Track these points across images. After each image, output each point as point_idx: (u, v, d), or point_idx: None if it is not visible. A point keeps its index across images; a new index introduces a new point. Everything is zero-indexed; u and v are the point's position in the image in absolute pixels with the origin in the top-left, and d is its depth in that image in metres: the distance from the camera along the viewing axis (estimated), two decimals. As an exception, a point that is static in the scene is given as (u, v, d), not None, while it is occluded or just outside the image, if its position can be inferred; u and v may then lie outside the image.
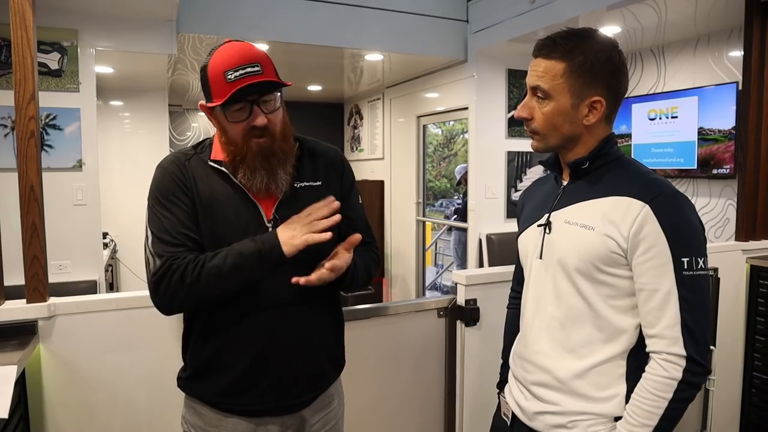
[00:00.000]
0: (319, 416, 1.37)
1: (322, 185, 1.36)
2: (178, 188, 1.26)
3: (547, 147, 1.25)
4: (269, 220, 1.28)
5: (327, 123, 6.91)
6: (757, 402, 2.69)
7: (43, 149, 2.97)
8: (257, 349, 1.26)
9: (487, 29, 3.97)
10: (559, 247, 1.22)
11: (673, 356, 1.09)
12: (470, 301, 1.98)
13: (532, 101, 1.22)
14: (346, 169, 1.45)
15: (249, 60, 1.21)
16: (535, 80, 1.20)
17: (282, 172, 1.27)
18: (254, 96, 1.22)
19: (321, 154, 1.41)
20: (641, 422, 1.10)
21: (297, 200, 1.30)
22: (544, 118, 1.20)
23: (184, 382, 1.34)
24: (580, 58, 1.16)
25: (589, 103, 1.18)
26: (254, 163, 1.25)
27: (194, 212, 1.26)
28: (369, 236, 1.47)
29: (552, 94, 1.18)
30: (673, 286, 1.10)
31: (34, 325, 1.58)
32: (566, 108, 1.18)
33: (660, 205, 1.11)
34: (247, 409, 1.28)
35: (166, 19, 3.24)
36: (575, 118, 1.19)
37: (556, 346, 1.23)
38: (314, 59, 4.49)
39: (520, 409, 1.30)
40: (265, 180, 1.25)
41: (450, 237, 6.84)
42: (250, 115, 1.22)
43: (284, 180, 1.28)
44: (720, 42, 3.45)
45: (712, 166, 3.42)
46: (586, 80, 1.17)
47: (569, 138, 1.22)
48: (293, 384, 1.30)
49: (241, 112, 1.23)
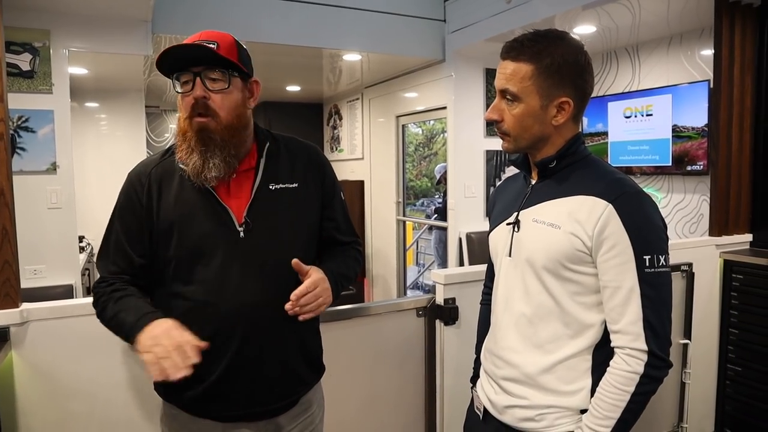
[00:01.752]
0: (296, 422, 1.34)
1: (298, 187, 1.32)
2: (133, 205, 1.25)
3: (517, 148, 1.26)
4: (240, 224, 1.24)
5: (306, 123, 6.89)
6: (732, 394, 2.75)
7: (15, 152, 2.92)
8: (229, 356, 1.23)
9: (464, 29, 3.99)
10: (527, 246, 1.24)
11: (636, 351, 1.12)
12: (449, 300, 1.99)
13: (502, 103, 1.23)
14: (327, 172, 1.40)
15: (209, 37, 1.19)
16: (503, 83, 1.21)
17: (219, 159, 1.20)
18: (199, 68, 1.18)
19: (298, 153, 1.37)
20: (605, 414, 1.13)
21: (271, 202, 1.27)
22: (514, 120, 1.22)
23: (158, 387, 1.32)
24: (547, 60, 1.17)
25: (557, 104, 1.20)
26: (191, 143, 1.21)
27: (147, 234, 1.24)
28: (352, 235, 1.46)
29: (521, 96, 1.19)
30: (635, 284, 1.13)
31: (6, 331, 1.55)
32: (535, 109, 1.20)
33: (623, 204, 1.14)
34: (221, 415, 1.26)
35: (141, 19, 3.19)
36: (544, 119, 1.21)
37: (524, 342, 1.25)
38: (292, 59, 4.47)
39: (491, 403, 1.32)
40: (198, 163, 1.20)
41: (431, 236, 6.86)
42: (193, 87, 1.19)
43: (221, 168, 1.21)
44: (692, 41, 3.51)
45: (686, 162, 3.48)
46: (554, 82, 1.18)
47: (539, 138, 1.24)
48: (268, 391, 1.28)
49: (187, 85, 1.20)
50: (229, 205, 1.24)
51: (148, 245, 1.25)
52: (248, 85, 1.28)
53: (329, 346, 1.43)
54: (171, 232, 1.23)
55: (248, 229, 1.23)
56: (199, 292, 1.22)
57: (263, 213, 1.26)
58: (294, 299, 1.20)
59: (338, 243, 1.43)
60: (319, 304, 1.24)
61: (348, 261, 1.42)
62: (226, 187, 1.26)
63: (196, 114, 1.20)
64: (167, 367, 1.06)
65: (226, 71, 1.20)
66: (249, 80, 1.28)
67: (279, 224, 1.28)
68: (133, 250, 1.25)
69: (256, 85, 1.30)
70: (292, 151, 1.36)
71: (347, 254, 1.43)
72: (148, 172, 1.27)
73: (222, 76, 1.20)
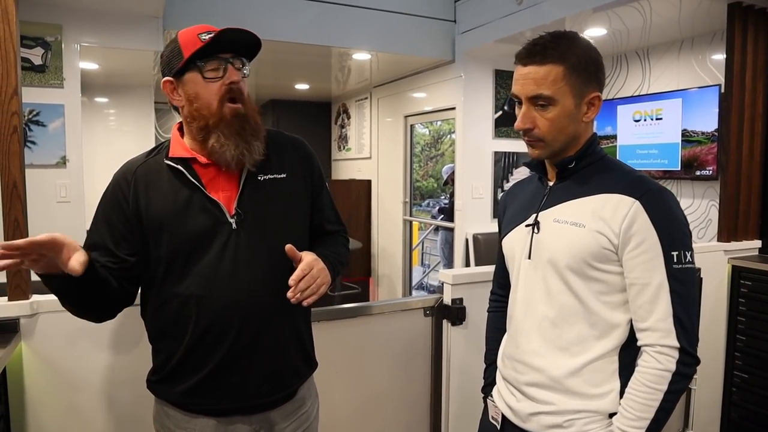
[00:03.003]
0: (291, 419, 1.34)
1: (287, 177, 1.32)
2: (119, 205, 1.24)
3: (551, 153, 1.24)
4: (231, 215, 1.24)
5: (314, 122, 6.90)
6: (738, 401, 2.73)
7: (26, 146, 2.94)
8: (225, 348, 1.22)
9: (474, 30, 3.98)
10: (548, 246, 1.22)
11: (667, 348, 1.11)
12: (456, 300, 1.99)
13: (531, 110, 1.20)
14: (315, 164, 1.41)
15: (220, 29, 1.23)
16: (533, 89, 1.18)
17: (256, 142, 1.23)
18: (228, 54, 1.21)
19: (286, 145, 1.37)
20: (638, 416, 1.11)
21: (261, 193, 1.27)
22: (550, 124, 1.19)
23: (152, 384, 1.32)
24: (574, 59, 1.17)
25: (588, 101, 1.20)
26: (228, 129, 1.20)
27: (135, 232, 1.23)
28: (338, 224, 1.48)
29: (556, 98, 1.18)
30: (664, 280, 1.12)
31: (16, 323, 1.56)
32: (570, 109, 1.19)
33: (649, 200, 1.13)
34: (215, 408, 1.25)
35: (152, 15, 3.21)
36: (578, 118, 1.21)
37: (548, 345, 1.22)
38: (302, 58, 4.48)
39: (512, 411, 1.28)
40: (239, 148, 1.21)
41: (437, 237, 6.85)
42: (225, 74, 1.20)
43: (258, 151, 1.23)
44: (703, 45, 3.49)
45: (695, 167, 3.46)
46: (583, 79, 1.18)
47: (572, 138, 1.23)
48: (262, 382, 1.27)
49: (216, 72, 1.20)
50: (218, 198, 1.24)
51: (139, 244, 1.24)
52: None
53: (335, 345, 1.43)
54: (161, 230, 1.22)
55: (240, 220, 1.23)
56: (194, 286, 1.22)
57: (253, 204, 1.25)
58: (293, 284, 1.18)
59: (327, 232, 1.45)
60: (319, 285, 1.22)
61: (338, 247, 1.43)
62: (215, 180, 1.26)
63: (228, 100, 1.21)
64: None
65: (248, 61, 1.25)
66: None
67: (269, 214, 1.28)
68: (118, 249, 1.23)
69: None
70: (280, 143, 1.36)
71: (336, 241, 1.45)
72: (134, 171, 1.26)
73: (243, 65, 1.24)
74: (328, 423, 1.86)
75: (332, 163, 6.92)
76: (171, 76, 1.24)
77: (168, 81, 1.24)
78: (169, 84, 1.25)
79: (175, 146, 1.27)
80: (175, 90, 1.25)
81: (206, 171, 1.25)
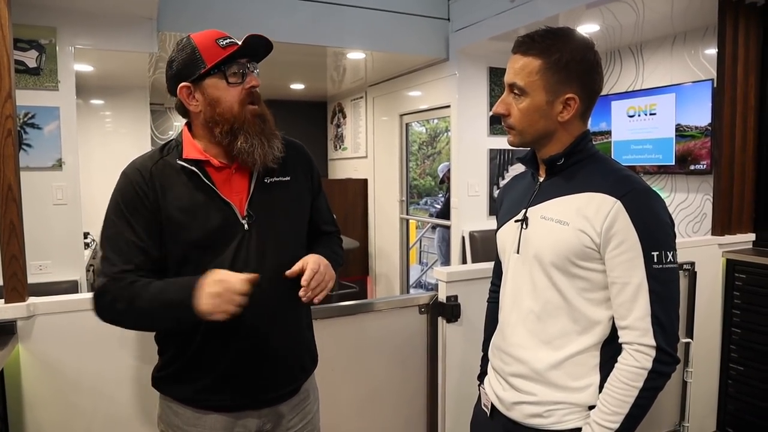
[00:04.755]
0: (296, 412, 1.38)
1: (291, 180, 1.37)
2: (139, 201, 1.23)
3: (522, 142, 1.27)
4: (243, 216, 1.27)
5: (310, 121, 6.90)
6: (734, 393, 2.75)
7: (21, 148, 2.94)
8: (237, 346, 1.26)
9: (468, 27, 3.99)
10: (535, 243, 1.25)
11: (644, 347, 1.13)
12: (451, 298, 2.00)
13: (509, 97, 1.25)
14: (314, 167, 1.47)
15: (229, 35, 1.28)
16: (511, 77, 1.23)
17: (275, 141, 1.29)
18: (245, 59, 1.27)
19: (287, 149, 1.38)
20: (613, 410, 1.14)
21: (268, 195, 1.31)
22: (520, 114, 1.23)
23: (161, 381, 1.33)
24: (556, 56, 1.18)
25: (563, 100, 1.21)
26: (252, 130, 1.26)
27: (157, 227, 1.24)
28: (333, 225, 1.53)
29: (528, 91, 1.20)
30: (643, 280, 1.13)
31: (13, 325, 1.57)
32: (541, 104, 1.21)
33: (631, 201, 1.14)
34: (227, 404, 1.28)
35: (146, 17, 3.21)
36: (550, 115, 1.22)
37: (532, 338, 1.25)
38: (296, 57, 4.48)
39: (499, 399, 1.33)
40: (264, 147, 1.26)
41: (434, 235, 6.87)
42: (244, 78, 1.26)
43: (278, 148, 1.29)
44: (696, 40, 3.51)
45: (689, 162, 3.48)
46: (560, 77, 1.19)
47: (544, 134, 1.24)
48: (274, 377, 1.31)
49: (237, 77, 1.26)
50: (231, 200, 1.27)
51: (160, 240, 1.25)
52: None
53: (332, 342, 1.45)
54: (178, 229, 1.24)
55: (251, 222, 1.27)
56: None
57: (263, 206, 1.30)
58: (305, 283, 1.24)
59: (322, 233, 1.50)
60: (327, 280, 1.29)
61: (334, 247, 1.49)
62: (228, 183, 1.29)
63: (249, 102, 1.27)
64: (230, 310, 1.13)
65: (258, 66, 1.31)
66: None
67: (277, 216, 1.32)
68: (149, 247, 1.24)
69: None
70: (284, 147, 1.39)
71: (332, 241, 1.51)
72: (150, 169, 1.26)
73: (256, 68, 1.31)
74: (327, 418, 1.87)
75: (328, 162, 6.92)
76: (189, 81, 1.25)
77: (185, 86, 1.25)
78: (185, 89, 1.26)
79: (189, 148, 1.28)
80: (191, 95, 1.26)
81: (219, 174, 1.29)
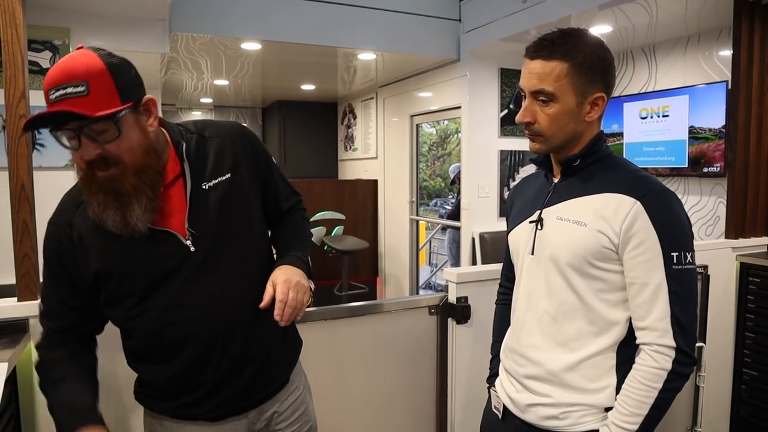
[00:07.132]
0: (287, 404, 1.35)
1: (232, 177, 1.22)
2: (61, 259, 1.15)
3: (550, 148, 1.25)
4: (186, 237, 1.15)
5: (320, 122, 6.92)
6: (747, 398, 2.72)
7: (35, 148, 2.97)
8: (214, 365, 1.19)
9: (479, 28, 3.98)
10: (551, 243, 1.24)
11: (663, 347, 1.13)
12: (461, 299, 2.00)
13: (534, 105, 1.22)
14: (257, 146, 1.29)
15: (72, 73, 0.99)
16: (536, 84, 1.19)
17: (140, 210, 1.08)
18: (74, 124, 1.00)
19: (222, 139, 1.24)
20: (632, 411, 1.13)
21: (209, 203, 1.19)
22: (549, 120, 1.21)
23: (141, 396, 1.30)
24: (580, 57, 1.17)
25: (591, 100, 1.20)
26: (99, 198, 1.07)
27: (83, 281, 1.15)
28: (293, 195, 1.41)
29: (558, 95, 1.18)
30: (663, 280, 1.13)
31: (26, 323, 1.57)
32: (571, 107, 1.20)
33: (651, 201, 1.14)
34: (210, 416, 1.25)
35: (158, 18, 3.23)
36: (579, 116, 1.21)
37: (548, 340, 1.25)
38: (307, 58, 4.50)
39: (512, 401, 1.32)
40: (118, 219, 1.07)
41: (444, 236, 6.85)
42: (80, 145, 1.02)
43: (148, 215, 1.09)
44: (710, 41, 3.47)
45: (702, 164, 3.44)
46: (588, 78, 1.18)
47: (572, 136, 1.23)
48: (255, 381, 1.26)
49: (73, 140, 1.03)
50: (168, 224, 1.15)
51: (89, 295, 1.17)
52: (140, 109, 1.09)
53: (341, 343, 1.44)
54: (114, 276, 1.14)
55: (196, 240, 1.16)
56: (166, 318, 1.16)
57: (205, 217, 1.17)
58: (278, 317, 1.15)
59: (283, 211, 1.39)
60: (300, 302, 1.18)
61: (300, 229, 1.40)
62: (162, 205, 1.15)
63: (95, 169, 1.05)
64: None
65: (110, 119, 1.02)
66: (140, 103, 1.09)
67: (224, 222, 1.20)
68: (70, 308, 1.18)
69: (152, 102, 1.12)
70: (213, 139, 1.24)
71: (296, 219, 1.40)
72: (70, 222, 1.14)
73: (107, 125, 1.02)
74: (336, 419, 1.87)
75: (339, 163, 6.94)
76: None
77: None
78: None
79: None
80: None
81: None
